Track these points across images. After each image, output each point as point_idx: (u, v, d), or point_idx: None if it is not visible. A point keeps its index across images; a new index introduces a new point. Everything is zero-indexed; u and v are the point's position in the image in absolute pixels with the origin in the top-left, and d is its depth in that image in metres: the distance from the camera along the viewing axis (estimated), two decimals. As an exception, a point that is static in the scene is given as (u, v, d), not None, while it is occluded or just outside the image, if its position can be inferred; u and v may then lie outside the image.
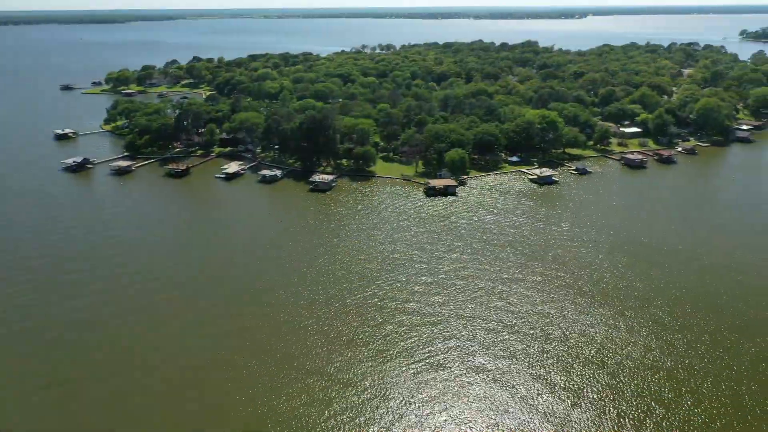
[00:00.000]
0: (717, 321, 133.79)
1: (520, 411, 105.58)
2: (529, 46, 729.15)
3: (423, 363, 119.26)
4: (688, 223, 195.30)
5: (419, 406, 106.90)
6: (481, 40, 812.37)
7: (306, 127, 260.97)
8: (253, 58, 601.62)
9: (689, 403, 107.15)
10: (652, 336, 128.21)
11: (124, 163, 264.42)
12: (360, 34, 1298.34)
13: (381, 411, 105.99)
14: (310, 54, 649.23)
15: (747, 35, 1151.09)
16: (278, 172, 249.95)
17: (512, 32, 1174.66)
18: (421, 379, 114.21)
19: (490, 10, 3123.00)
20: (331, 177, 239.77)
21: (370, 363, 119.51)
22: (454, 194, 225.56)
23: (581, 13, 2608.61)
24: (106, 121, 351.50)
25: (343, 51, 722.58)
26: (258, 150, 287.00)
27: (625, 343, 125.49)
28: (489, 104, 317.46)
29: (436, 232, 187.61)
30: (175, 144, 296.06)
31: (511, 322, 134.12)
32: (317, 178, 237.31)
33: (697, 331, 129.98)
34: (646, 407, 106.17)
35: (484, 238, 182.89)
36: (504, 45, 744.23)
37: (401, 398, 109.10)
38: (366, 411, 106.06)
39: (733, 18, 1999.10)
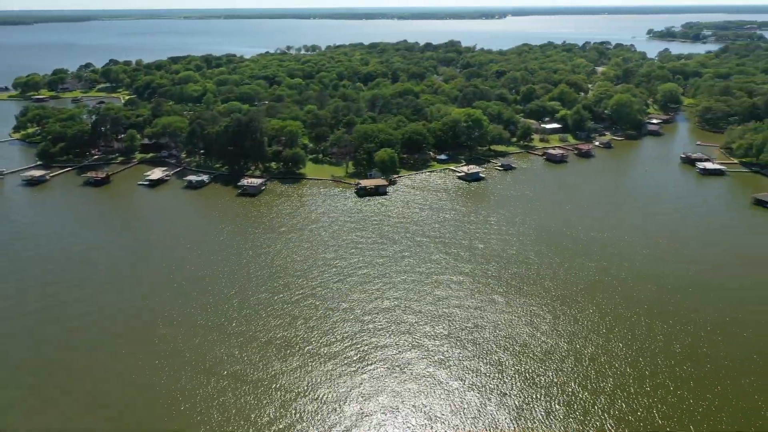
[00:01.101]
0: (631, 306, 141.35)
1: (444, 402, 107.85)
2: (453, 46, 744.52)
3: (363, 362, 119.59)
4: (605, 213, 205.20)
5: (359, 400, 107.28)
6: (405, 41, 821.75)
7: (232, 130, 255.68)
8: (174, 60, 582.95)
9: (610, 385, 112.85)
10: (578, 324, 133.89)
11: (37, 173, 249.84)
12: (284, 35, 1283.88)
13: (312, 408, 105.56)
14: (234, 56, 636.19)
15: (653, 34, 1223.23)
16: (205, 177, 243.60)
17: (435, 32, 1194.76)
18: (361, 378, 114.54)
19: (413, 11, 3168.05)
20: (260, 181, 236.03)
21: (297, 364, 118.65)
22: (384, 194, 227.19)
23: (501, 14, 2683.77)
24: (16, 129, 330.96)
25: (267, 52, 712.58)
26: (183, 155, 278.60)
27: (551, 333, 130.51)
28: (416, 104, 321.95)
29: (368, 232, 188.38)
30: (93, 151, 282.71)
31: (443, 316, 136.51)
32: (246, 182, 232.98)
33: (613, 316, 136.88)
34: (571, 391, 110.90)
35: (415, 235, 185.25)
36: (428, 45, 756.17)
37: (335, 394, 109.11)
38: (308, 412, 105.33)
39: (640, 18, 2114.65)
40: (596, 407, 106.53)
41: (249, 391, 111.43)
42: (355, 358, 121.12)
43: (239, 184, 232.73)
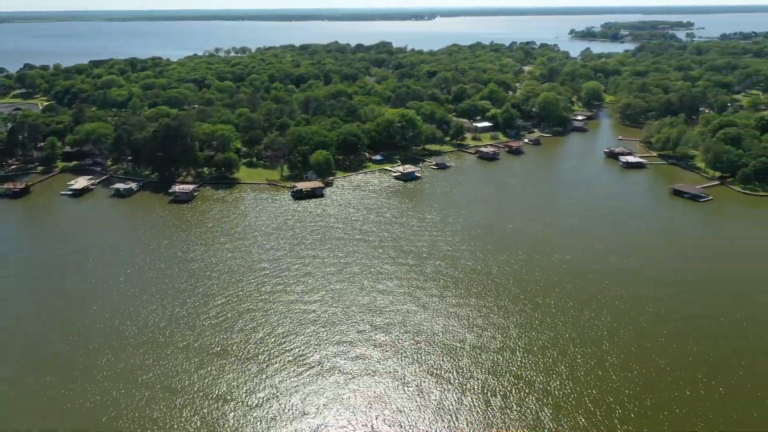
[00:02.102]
0: (559, 295, 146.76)
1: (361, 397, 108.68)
2: (384, 47, 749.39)
3: (306, 366, 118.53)
4: (537, 208, 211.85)
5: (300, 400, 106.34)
6: (336, 42, 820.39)
7: (161, 135, 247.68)
8: (95, 64, 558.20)
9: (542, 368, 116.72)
10: (511, 317, 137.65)
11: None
12: (212, 37, 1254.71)
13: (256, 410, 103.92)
14: (160, 59, 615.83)
15: (575, 34, 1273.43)
16: (134, 185, 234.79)
17: (366, 34, 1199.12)
18: (306, 379, 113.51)
19: (344, 12, 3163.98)
20: (192, 186, 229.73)
21: (230, 367, 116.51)
22: (321, 196, 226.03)
23: (430, 15, 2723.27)
24: None
25: (195, 55, 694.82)
26: (108, 162, 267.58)
27: (486, 327, 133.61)
28: (349, 105, 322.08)
29: (306, 235, 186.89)
30: (9, 161, 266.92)
31: (379, 316, 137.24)
32: (177, 188, 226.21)
33: (542, 303, 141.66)
34: (506, 382, 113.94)
35: (353, 236, 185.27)
36: (359, 46, 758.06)
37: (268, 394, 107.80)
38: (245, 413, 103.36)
39: (562, 19, 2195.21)
40: (526, 393, 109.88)
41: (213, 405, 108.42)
42: (313, 364, 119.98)
43: (170, 190, 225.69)
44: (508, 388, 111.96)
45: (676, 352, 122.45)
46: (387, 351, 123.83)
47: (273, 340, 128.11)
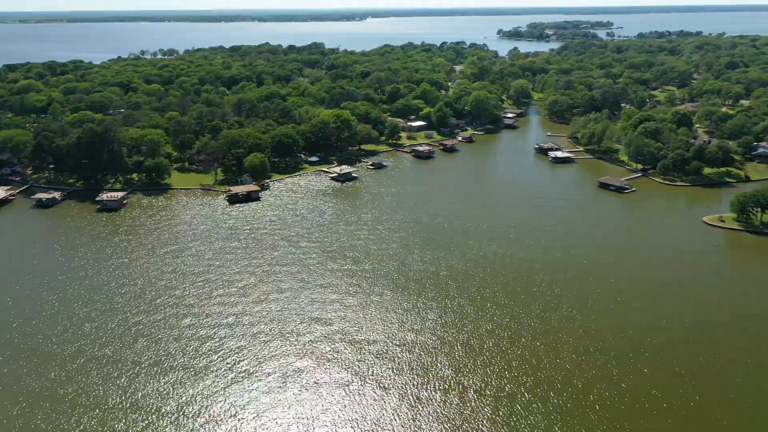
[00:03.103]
0: (498, 287, 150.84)
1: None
2: (316, 47, 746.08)
3: (234, 372, 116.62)
4: (472, 204, 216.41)
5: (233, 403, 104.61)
6: (268, 43, 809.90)
7: (85, 141, 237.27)
8: (10, 68, 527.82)
9: (477, 362, 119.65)
10: (449, 313, 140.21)
11: None
12: (137, 39, 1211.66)
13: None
14: (82, 62, 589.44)
15: (503, 34, 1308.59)
16: (57, 195, 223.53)
17: (298, 35, 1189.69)
18: (237, 386, 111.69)
19: (274, 13, 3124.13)
20: (121, 194, 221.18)
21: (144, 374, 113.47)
22: (257, 199, 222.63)
23: (361, 16, 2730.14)
24: None
25: (120, 58, 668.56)
26: (28, 171, 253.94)
27: (423, 324, 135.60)
28: (283, 106, 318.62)
29: (243, 239, 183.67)
30: None
31: (318, 318, 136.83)
32: (105, 196, 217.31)
33: (478, 297, 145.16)
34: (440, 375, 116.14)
35: (291, 239, 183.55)
36: (291, 47, 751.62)
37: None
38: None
39: (490, 19, 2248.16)
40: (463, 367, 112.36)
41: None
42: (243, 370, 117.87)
43: (98, 199, 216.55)
44: (450, 385, 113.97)
45: (599, 329, 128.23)
46: (329, 359, 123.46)
47: (214, 346, 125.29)
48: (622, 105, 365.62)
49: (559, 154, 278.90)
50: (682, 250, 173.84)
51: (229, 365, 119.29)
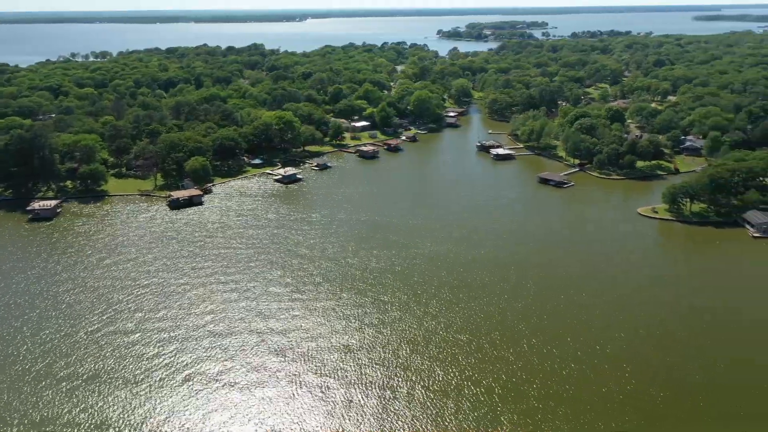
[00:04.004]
0: (440, 284, 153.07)
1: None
2: (256, 49, 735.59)
3: (183, 376, 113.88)
4: (416, 202, 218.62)
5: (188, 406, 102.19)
6: (206, 44, 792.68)
7: (14, 148, 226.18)
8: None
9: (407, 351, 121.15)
10: (392, 311, 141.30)
11: None
12: (66, 41, 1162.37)
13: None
14: (6, 65, 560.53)
15: (442, 34, 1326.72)
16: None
17: (237, 35, 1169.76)
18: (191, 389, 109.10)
19: (212, 14, 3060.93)
20: (54, 202, 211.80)
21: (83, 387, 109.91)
22: (200, 204, 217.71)
23: (301, 16, 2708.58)
24: None
25: (48, 61, 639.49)
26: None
27: (370, 324, 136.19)
28: (224, 109, 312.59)
29: (185, 245, 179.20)
30: None
31: (263, 323, 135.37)
32: (36, 205, 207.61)
33: (423, 294, 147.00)
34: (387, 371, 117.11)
35: (235, 243, 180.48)
36: (231, 48, 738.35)
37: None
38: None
39: (429, 20, 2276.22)
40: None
41: None
42: (178, 379, 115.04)
43: (29, 208, 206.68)
44: (404, 382, 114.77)
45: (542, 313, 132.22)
46: (282, 360, 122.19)
47: (157, 356, 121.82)
48: (559, 102, 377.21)
49: (500, 151, 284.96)
50: (619, 241, 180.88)
51: (166, 375, 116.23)
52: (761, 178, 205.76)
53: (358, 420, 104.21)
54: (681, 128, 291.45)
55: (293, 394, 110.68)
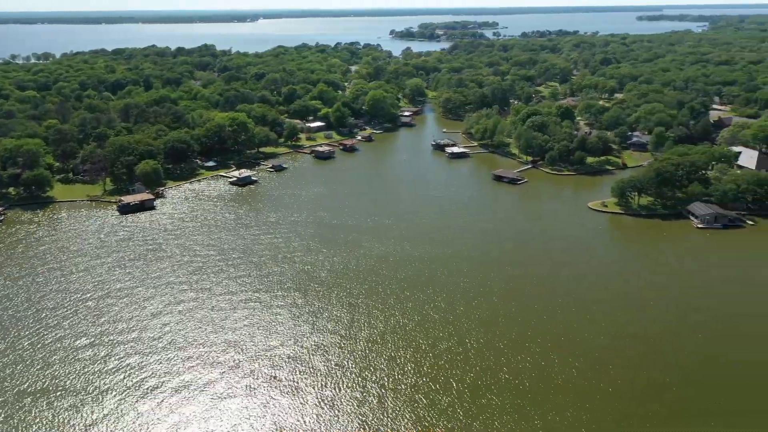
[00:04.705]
0: (397, 283, 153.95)
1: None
2: (207, 49, 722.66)
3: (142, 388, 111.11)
4: (374, 202, 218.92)
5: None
6: (154, 46, 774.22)
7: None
8: None
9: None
10: (355, 311, 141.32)
11: None
12: (3, 43, 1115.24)
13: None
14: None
15: (395, 35, 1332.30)
16: None
17: (187, 36, 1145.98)
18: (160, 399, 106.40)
19: (160, 15, 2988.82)
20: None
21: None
22: (152, 208, 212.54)
23: (253, 17, 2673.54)
24: None
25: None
26: None
27: (327, 324, 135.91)
28: (175, 111, 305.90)
29: (138, 251, 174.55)
30: None
31: (219, 328, 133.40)
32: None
33: (382, 293, 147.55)
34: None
35: (190, 247, 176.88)
36: (180, 49, 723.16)
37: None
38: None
39: (382, 20, 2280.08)
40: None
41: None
42: (129, 385, 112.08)
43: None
44: (357, 381, 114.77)
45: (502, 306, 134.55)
46: (238, 365, 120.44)
47: (112, 366, 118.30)
48: (511, 101, 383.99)
49: (455, 149, 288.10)
50: (572, 235, 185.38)
51: (130, 385, 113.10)
52: (703, 171, 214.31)
53: (316, 421, 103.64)
54: (628, 124, 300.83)
55: (254, 399, 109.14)
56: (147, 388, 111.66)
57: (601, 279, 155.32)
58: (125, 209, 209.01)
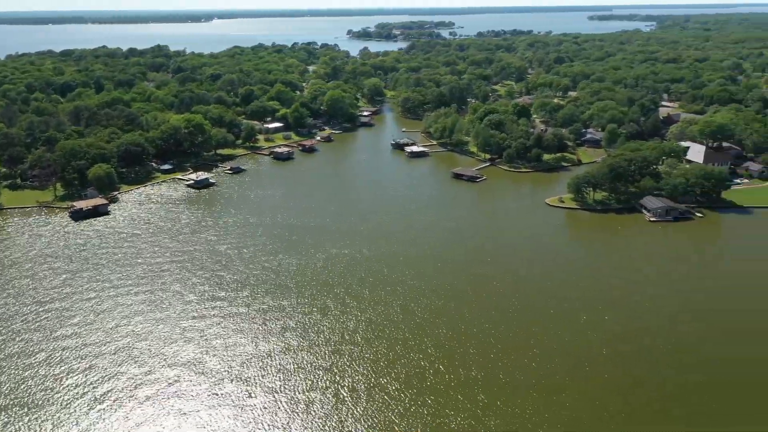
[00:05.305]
0: (357, 284, 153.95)
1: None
2: (161, 50, 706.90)
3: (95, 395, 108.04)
4: (333, 202, 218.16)
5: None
6: (105, 46, 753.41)
7: None
8: None
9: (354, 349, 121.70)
10: (320, 314, 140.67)
11: None
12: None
13: None
14: None
15: (352, 34, 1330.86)
16: None
17: (139, 37, 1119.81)
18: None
19: (111, 15, 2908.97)
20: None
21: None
22: (106, 213, 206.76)
23: (207, 17, 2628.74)
24: None
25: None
26: None
27: (293, 326, 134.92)
28: (128, 113, 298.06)
29: (91, 259, 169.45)
30: None
31: (181, 336, 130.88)
32: None
33: (345, 295, 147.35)
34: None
35: (145, 253, 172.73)
36: (133, 50, 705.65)
37: None
38: None
39: (338, 20, 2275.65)
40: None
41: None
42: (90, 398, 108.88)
43: None
44: (323, 384, 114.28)
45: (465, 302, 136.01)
46: (201, 371, 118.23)
47: (62, 379, 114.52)
48: (468, 100, 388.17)
49: (414, 148, 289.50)
50: (531, 231, 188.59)
51: (78, 394, 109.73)
52: (654, 166, 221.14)
53: (281, 424, 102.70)
54: (582, 122, 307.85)
55: (218, 407, 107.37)
56: (97, 398, 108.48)
57: (570, 275, 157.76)
58: (78, 215, 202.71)
